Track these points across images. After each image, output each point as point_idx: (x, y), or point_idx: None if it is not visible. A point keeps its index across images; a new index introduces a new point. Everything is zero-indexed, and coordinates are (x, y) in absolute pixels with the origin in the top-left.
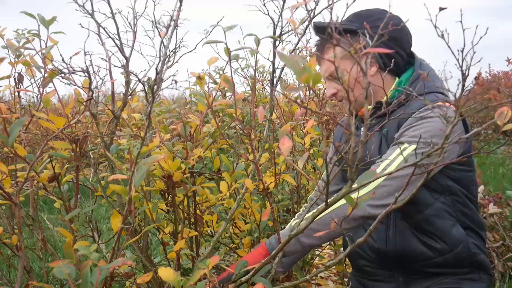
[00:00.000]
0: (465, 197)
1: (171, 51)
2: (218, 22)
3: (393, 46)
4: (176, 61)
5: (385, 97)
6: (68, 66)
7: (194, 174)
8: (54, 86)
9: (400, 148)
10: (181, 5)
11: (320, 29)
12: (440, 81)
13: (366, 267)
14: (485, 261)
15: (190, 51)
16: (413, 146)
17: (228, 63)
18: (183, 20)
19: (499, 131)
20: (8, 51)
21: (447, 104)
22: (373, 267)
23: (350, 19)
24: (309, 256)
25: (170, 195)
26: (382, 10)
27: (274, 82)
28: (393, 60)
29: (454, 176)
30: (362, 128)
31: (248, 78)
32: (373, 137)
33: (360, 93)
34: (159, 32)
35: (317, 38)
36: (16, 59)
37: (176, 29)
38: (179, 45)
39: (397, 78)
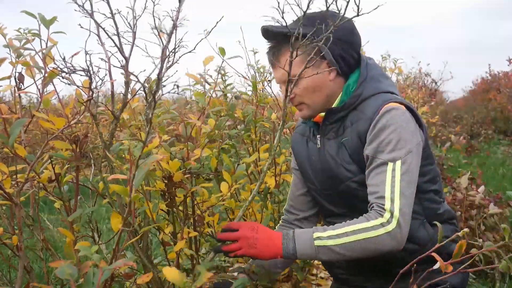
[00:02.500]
0: (431, 192)
1: (171, 51)
2: (217, 23)
3: (348, 49)
4: (176, 62)
5: (335, 103)
6: (69, 66)
7: (193, 175)
8: (54, 87)
9: (388, 170)
10: (180, 4)
11: (269, 33)
12: (387, 79)
13: (342, 275)
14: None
15: (190, 52)
16: (399, 162)
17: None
18: (183, 20)
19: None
20: (10, 50)
21: (399, 105)
22: (348, 274)
23: (303, 23)
24: None
25: (170, 196)
26: (334, 13)
27: (288, 91)
28: (348, 63)
29: (420, 173)
30: (318, 136)
31: (248, 78)
32: (329, 145)
33: (318, 97)
34: (158, 33)
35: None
36: (17, 59)
37: (176, 30)
38: (179, 46)
39: (350, 79)
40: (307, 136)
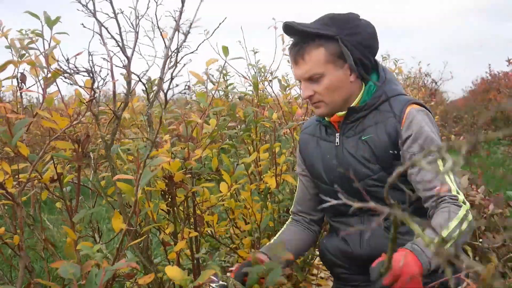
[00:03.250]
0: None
1: (173, 51)
2: (220, 24)
3: (367, 54)
4: (179, 62)
5: (355, 102)
6: (71, 66)
7: (194, 175)
8: (58, 87)
9: (439, 164)
10: (183, 5)
11: (292, 30)
12: (399, 83)
13: (343, 274)
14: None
15: (192, 52)
16: (439, 160)
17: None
18: (185, 21)
19: None
20: (11, 50)
21: (420, 107)
22: (349, 273)
23: (325, 23)
24: (309, 256)
25: (170, 196)
26: (356, 16)
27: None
28: (366, 67)
29: None
30: (337, 135)
31: (248, 78)
32: (348, 143)
33: (338, 96)
34: (161, 33)
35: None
36: (19, 59)
37: (178, 31)
38: (182, 46)
39: (363, 84)
40: (318, 136)
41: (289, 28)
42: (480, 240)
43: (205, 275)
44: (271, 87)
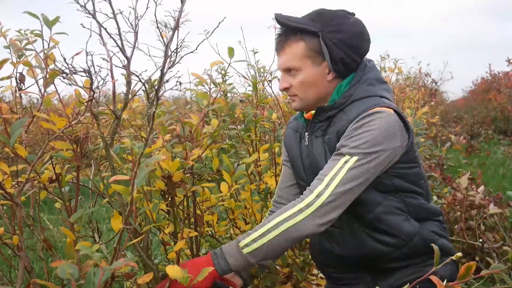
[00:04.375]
0: (413, 192)
1: (173, 51)
2: (219, 23)
3: (351, 54)
4: (178, 62)
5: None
6: (70, 66)
7: (194, 175)
8: (55, 87)
9: (341, 160)
10: (182, 5)
11: (278, 21)
12: (383, 83)
13: (333, 274)
14: (445, 244)
15: (192, 52)
16: (355, 158)
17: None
18: (185, 21)
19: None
20: (10, 50)
21: (386, 109)
22: (339, 272)
23: (312, 17)
24: (309, 256)
25: (170, 196)
26: (347, 13)
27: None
28: (349, 67)
29: (400, 174)
30: (306, 134)
31: (248, 78)
32: (317, 143)
33: (312, 93)
34: (160, 33)
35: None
36: (18, 59)
37: (178, 30)
38: (181, 46)
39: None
40: (300, 132)
41: (276, 19)
42: (480, 240)
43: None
44: (271, 87)
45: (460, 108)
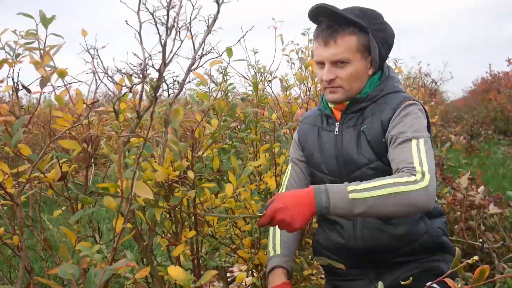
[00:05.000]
0: None
1: (200, 56)
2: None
3: (387, 52)
4: (201, 65)
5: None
6: (114, 66)
7: (194, 175)
8: (65, 85)
9: (412, 144)
10: (218, 11)
11: (327, 12)
12: (400, 83)
13: (337, 269)
14: (447, 242)
15: (216, 57)
16: (422, 140)
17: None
18: (218, 28)
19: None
20: (9, 50)
21: (416, 102)
22: (345, 268)
23: (357, 14)
24: (310, 256)
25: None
26: (379, 12)
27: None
28: (382, 64)
29: None
30: (337, 124)
31: (248, 78)
32: (347, 133)
33: (356, 86)
34: (192, 37)
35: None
36: (15, 59)
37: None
38: (209, 51)
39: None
40: (319, 126)
41: (324, 10)
42: (480, 240)
43: (207, 275)
44: (271, 87)
45: (460, 108)
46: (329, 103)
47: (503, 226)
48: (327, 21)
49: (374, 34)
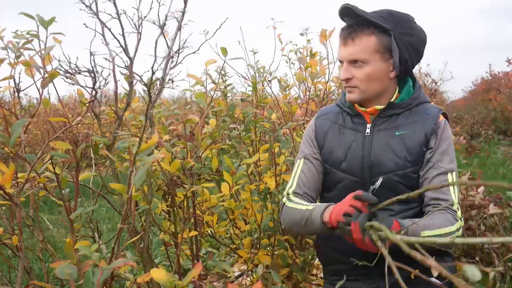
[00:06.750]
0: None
1: (175, 52)
2: (221, 24)
3: (414, 58)
4: (180, 62)
5: (393, 98)
6: (74, 66)
7: (193, 175)
8: (54, 87)
9: (448, 178)
10: (185, 6)
11: (351, 12)
12: None
13: (344, 270)
14: None
15: (194, 52)
16: (454, 172)
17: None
18: (187, 22)
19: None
20: (8, 52)
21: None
22: (350, 268)
23: (383, 16)
24: (310, 256)
25: (170, 196)
26: (413, 18)
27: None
28: (407, 69)
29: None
30: (368, 126)
31: (248, 78)
32: (378, 136)
33: (374, 87)
34: (163, 33)
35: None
36: (16, 60)
37: (180, 31)
38: (183, 46)
39: (408, 82)
40: (341, 124)
41: (348, 11)
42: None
43: (189, 277)
44: (270, 88)
45: (460, 108)
46: (357, 106)
47: (503, 226)
48: (350, 21)
49: (398, 37)
